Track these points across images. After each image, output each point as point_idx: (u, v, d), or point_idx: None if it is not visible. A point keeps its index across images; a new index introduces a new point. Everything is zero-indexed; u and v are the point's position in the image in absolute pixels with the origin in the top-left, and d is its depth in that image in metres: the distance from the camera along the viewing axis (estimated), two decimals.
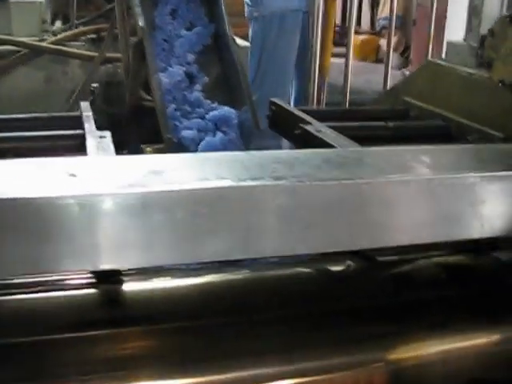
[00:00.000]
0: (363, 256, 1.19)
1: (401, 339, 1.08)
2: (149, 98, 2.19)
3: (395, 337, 1.08)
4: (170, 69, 2.05)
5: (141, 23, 2.00)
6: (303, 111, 1.72)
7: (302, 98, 4.06)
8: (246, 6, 4.08)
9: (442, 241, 0.99)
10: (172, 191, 0.82)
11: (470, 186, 0.96)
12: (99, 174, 0.88)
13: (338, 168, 0.95)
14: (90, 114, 1.56)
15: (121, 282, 1.03)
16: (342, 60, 3.86)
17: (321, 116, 1.70)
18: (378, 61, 7.64)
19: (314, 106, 3.56)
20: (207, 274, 1.18)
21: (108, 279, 1.02)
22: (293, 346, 1.02)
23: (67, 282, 1.06)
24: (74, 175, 0.85)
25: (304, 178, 0.88)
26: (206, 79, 2.18)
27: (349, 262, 1.19)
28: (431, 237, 0.98)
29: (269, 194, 0.85)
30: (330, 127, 1.54)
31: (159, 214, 0.82)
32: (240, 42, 3.13)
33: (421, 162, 1.00)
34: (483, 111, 1.60)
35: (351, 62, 3.66)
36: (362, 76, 5.87)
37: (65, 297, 1.04)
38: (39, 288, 1.03)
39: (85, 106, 1.65)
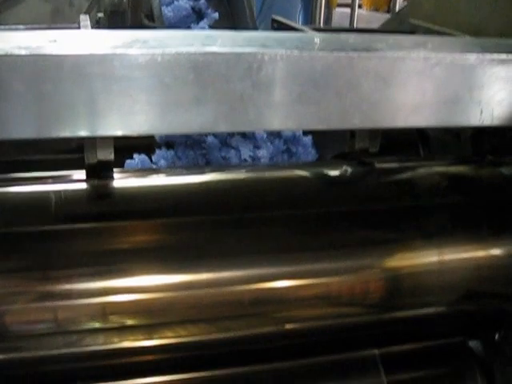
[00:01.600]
0: (361, 162, 1.16)
1: (397, 246, 1.06)
2: (153, 24, 2.14)
3: (392, 244, 1.06)
4: (176, 2, 2.00)
5: None
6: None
7: None
8: None
9: (439, 126, 0.95)
10: (155, 54, 0.79)
11: (470, 67, 0.92)
12: (81, 41, 0.85)
13: (332, 44, 0.91)
14: (88, 23, 1.52)
15: (112, 177, 1.01)
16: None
17: (323, 31, 1.66)
18: (391, 11, 7.50)
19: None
20: (202, 172, 1.16)
21: (99, 174, 1.00)
22: (287, 248, 1.00)
23: (59, 177, 1.04)
24: (54, 41, 0.82)
25: (294, 49, 0.84)
26: (216, 16, 2.13)
27: (346, 168, 1.17)
28: (426, 121, 0.95)
29: (256, 62, 0.82)
30: None
31: (142, 78, 0.80)
32: None
33: (419, 44, 0.96)
34: (490, 25, 1.55)
35: None
36: (372, 25, 5.77)
37: (56, 190, 1.02)
38: (31, 182, 1.02)
39: (84, 18, 1.62)
